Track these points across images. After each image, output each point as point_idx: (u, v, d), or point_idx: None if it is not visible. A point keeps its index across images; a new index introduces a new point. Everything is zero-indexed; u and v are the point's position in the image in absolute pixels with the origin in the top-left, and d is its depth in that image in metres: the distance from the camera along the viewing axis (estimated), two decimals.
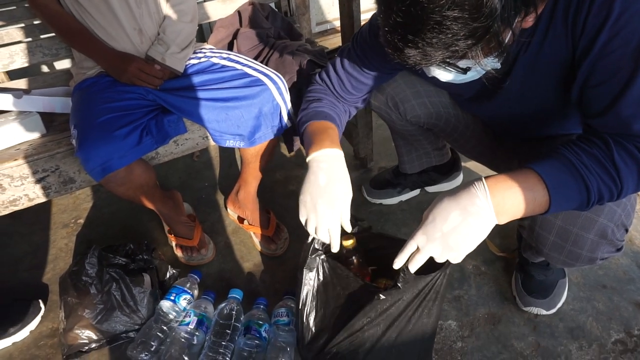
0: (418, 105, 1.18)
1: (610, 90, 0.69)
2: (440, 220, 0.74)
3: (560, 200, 0.70)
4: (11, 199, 1.18)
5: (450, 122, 1.21)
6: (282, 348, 1.07)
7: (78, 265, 1.22)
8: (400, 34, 0.60)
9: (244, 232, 1.54)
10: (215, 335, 1.10)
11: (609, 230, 0.87)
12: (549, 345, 1.10)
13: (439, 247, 0.75)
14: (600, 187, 0.69)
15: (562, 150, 0.72)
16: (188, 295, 1.23)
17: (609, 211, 0.86)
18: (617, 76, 0.67)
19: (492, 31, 0.58)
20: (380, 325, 0.91)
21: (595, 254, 0.92)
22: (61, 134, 1.27)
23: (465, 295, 1.24)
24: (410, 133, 1.34)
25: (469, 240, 0.73)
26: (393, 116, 1.25)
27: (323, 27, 2.95)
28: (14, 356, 1.21)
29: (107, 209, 1.74)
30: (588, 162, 0.69)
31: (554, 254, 0.97)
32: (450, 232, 0.73)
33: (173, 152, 1.30)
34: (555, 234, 0.92)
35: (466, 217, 0.72)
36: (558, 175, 0.70)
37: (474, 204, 0.72)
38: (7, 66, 1.36)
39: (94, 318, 1.16)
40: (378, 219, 1.52)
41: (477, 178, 0.74)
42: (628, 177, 0.68)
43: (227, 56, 1.30)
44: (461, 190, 0.74)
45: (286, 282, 1.34)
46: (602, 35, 0.66)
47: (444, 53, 0.60)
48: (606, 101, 0.70)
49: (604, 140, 0.70)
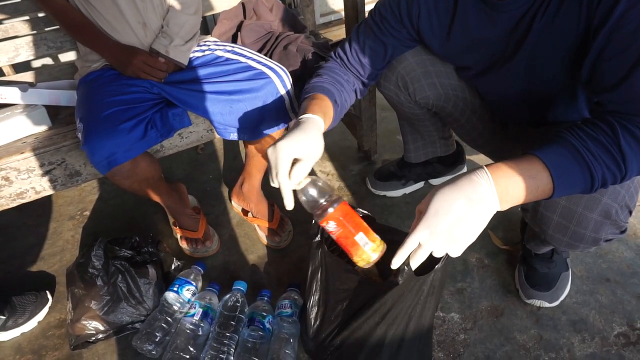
0: (428, 85, 1.17)
1: (624, 63, 0.68)
2: (443, 212, 0.70)
3: (563, 187, 0.69)
4: (18, 192, 1.19)
5: (458, 105, 1.21)
6: (286, 339, 1.08)
7: (84, 258, 1.23)
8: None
9: (248, 224, 1.55)
10: (220, 327, 1.12)
11: (613, 210, 0.87)
12: (551, 337, 1.11)
13: (443, 240, 0.71)
14: (605, 173, 0.69)
15: (567, 135, 0.70)
16: (192, 287, 1.24)
17: (613, 192, 0.86)
18: (632, 48, 0.67)
19: None
20: (380, 320, 0.91)
21: (599, 234, 0.92)
22: (67, 127, 1.28)
23: (468, 288, 1.25)
24: (417, 117, 1.33)
25: (474, 230, 0.71)
26: (402, 97, 1.24)
27: (327, 18, 2.93)
28: (23, 346, 1.23)
29: (113, 201, 1.75)
30: (594, 148, 0.68)
31: (558, 235, 0.96)
32: (455, 224, 0.70)
33: (178, 145, 1.30)
34: (559, 214, 0.92)
35: (471, 206, 0.69)
36: (562, 162, 0.69)
37: (477, 191, 0.69)
38: (13, 59, 1.37)
39: (101, 309, 1.18)
40: (382, 212, 1.52)
41: (478, 167, 0.71)
42: (633, 161, 0.68)
43: (232, 49, 1.30)
44: (462, 179, 0.71)
45: (290, 274, 1.35)
46: (620, 6, 0.66)
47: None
48: (620, 74, 0.69)
49: (610, 124, 0.69)
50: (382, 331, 0.92)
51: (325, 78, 1.05)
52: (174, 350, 1.09)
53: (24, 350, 1.22)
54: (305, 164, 0.81)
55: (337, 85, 1.05)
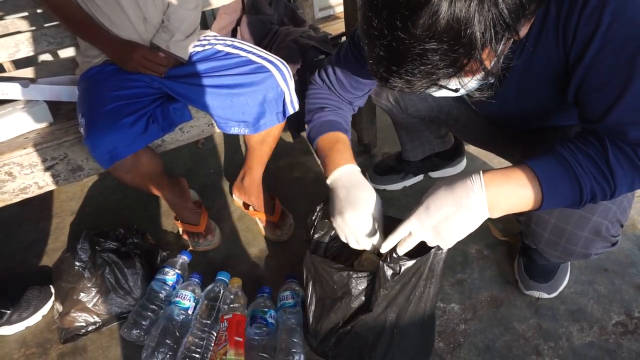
0: (418, 100, 1.18)
1: (604, 98, 0.68)
2: (434, 208, 0.76)
3: (553, 197, 0.71)
4: (22, 187, 1.20)
5: (451, 114, 1.22)
6: (293, 329, 1.10)
7: (70, 251, 1.25)
8: (384, 66, 0.61)
9: (249, 218, 1.56)
10: (202, 316, 1.14)
11: (603, 227, 0.89)
12: (550, 327, 1.12)
13: (431, 234, 0.78)
14: (594, 187, 0.70)
15: (559, 147, 0.72)
16: (178, 276, 1.26)
17: (604, 209, 0.87)
18: (610, 85, 0.66)
19: (472, 59, 0.58)
20: (380, 308, 0.92)
21: (590, 250, 0.94)
22: (68, 123, 1.28)
23: (468, 279, 1.26)
24: (412, 124, 1.34)
25: (459, 230, 0.76)
26: (394, 110, 1.27)
27: (326, 12, 2.93)
28: (28, 340, 1.25)
29: (114, 196, 1.76)
30: (583, 161, 0.69)
31: (549, 250, 1.00)
32: (442, 222, 0.76)
33: (179, 139, 1.31)
34: (550, 231, 0.95)
35: (459, 209, 0.74)
36: (553, 172, 0.70)
37: (468, 197, 0.73)
38: (13, 55, 1.37)
39: (90, 301, 1.20)
40: None
41: (475, 171, 0.74)
42: (622, 178, 0.69)
43: (231, 43, 1.30)
44: (458, 182, 0.75)
45: (291, 267, 1.36)
46: (594, 45, 0.65)
47: (427, 82, 0.61)
48: (601, 109, 0.69)
49: (600, 140, 0.70)
50: (381, 318, 0.94)
51: (327, 111, 1.04)
52: (159, 335, 1.10)
53: (29, 343, 1.24)
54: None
55: (340, 111, 1.05)
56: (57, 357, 1.19)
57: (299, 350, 1.06)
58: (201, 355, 1.06)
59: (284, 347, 1.06)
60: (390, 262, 0.85)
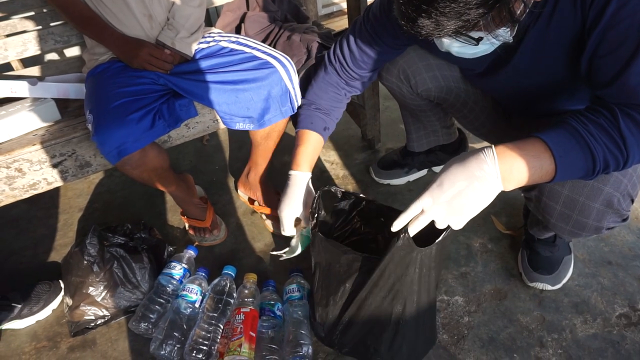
0: (429, 78, 1.18)
1: (618, 60, 0.70)
2: (447, 184, 0.75)
3: (566, 168, 0.71)
4: (31, 183, 1.22)
5: (460, 96, 1.22)
6: (300, 321, 1.12)
7: (80, 246, 1.27)
8: (414, 4, 0.61)
9: (255, 213, 1.58)
10: (209, 309, 1.15)
11: (615, 199, 0.89)
12: (554, 319, 1.13)
13: (444, 210, 0.76)
14: (606, 156, 0.70)
15: (569, 119, 0.73)
16: (185, 270, 1.28)
17: (615, 181, 0.87)
18: (624, 46, 0.68)
19: (502, 1, 0.59)
20: (384, 293, 0.92)
21: (602, 223, 0.94)
22: (76, 119, 1.30)
23: (471, 272, 1.27)
24: (419, 108, 1.34)
25: (473, 204, 0.75)
26: (404, 89, 1.26)
27: (329, 9, 2.93)
28: (39, 333, 1.27)
29: (121, 193, 1.78)
30: (594, 130, 0.70)
31: (561, 224, 0.98)
32: (456, 196, 0.74)
33: (185, 135, 1.32)
34: (562, 203, 0.94)
35: (472, 182, 0.73)
36: (564, 143, 0.71)
37: (481, 169, 0.73)
38: (21, 54, 1.39)
39: (99, 295, 1.22)
40: (386, 199, 1.54)
41: (487, 145, 0.75)
42: (634, 145, 0.70)
43: (236, 40, 1.32)
44: (470, 156, 0.75)
45: (297, 261, 1.36)
46: (611, 6, 0.67)
47: (457, 22, 0.61)
48: (614, 71, 0.71)
49: (611, 109, 0.71)
50: (386, 306, 0.94)
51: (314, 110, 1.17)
52: (167, 328, 1.12)
53: (39, 337, 1.26)
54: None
55: (324, 110, 1.17)
56: (67, 350, 1.21)
57: (307, 341, 1.08)
58: (208, 348, 1.08)
59: (291, 339, 1.08)
60: (399, 243, 0.83)
